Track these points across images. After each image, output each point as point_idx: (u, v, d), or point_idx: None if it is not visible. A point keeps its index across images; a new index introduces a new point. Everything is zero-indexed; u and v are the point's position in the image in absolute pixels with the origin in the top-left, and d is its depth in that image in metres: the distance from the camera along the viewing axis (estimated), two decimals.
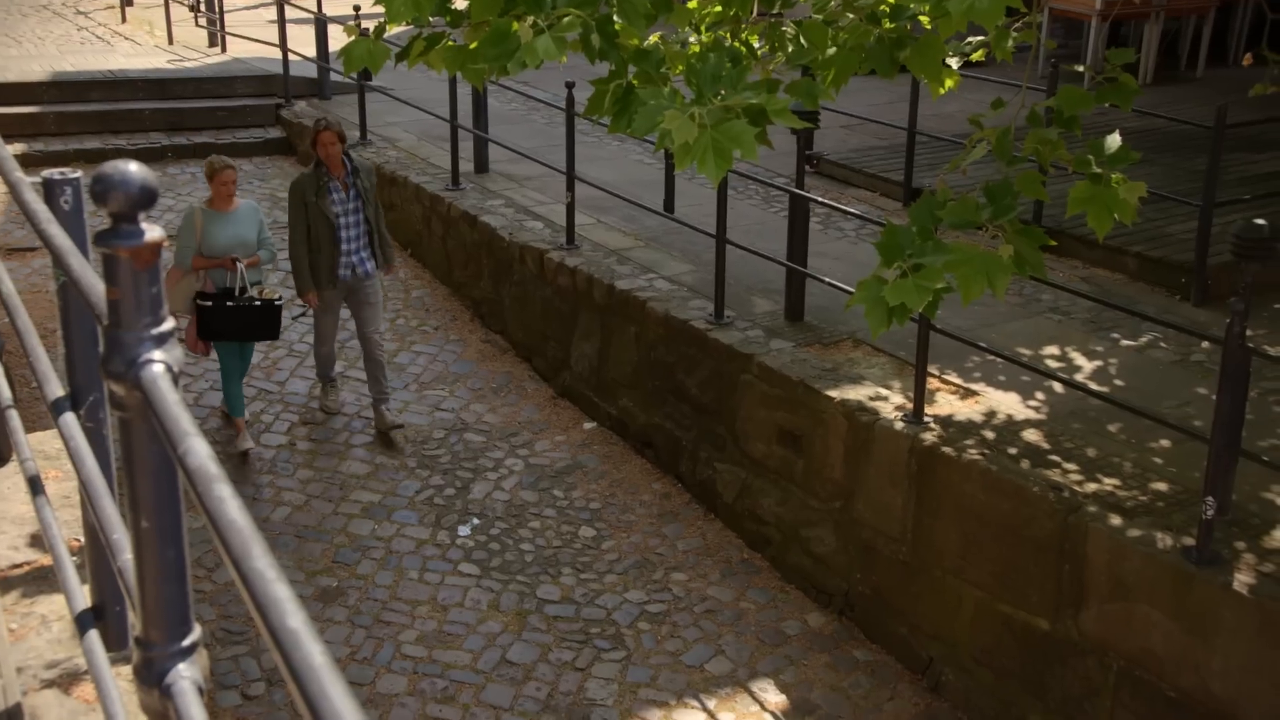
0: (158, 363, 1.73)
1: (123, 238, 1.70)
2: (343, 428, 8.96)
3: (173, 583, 1.84)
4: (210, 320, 8.15)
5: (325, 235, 8.40)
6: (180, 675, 1.85)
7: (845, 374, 7.50)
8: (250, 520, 1.42)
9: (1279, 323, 8.26)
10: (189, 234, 8.22)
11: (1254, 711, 5.32)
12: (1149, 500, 6.06)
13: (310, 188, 8.41)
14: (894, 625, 7.02)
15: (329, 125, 8.37)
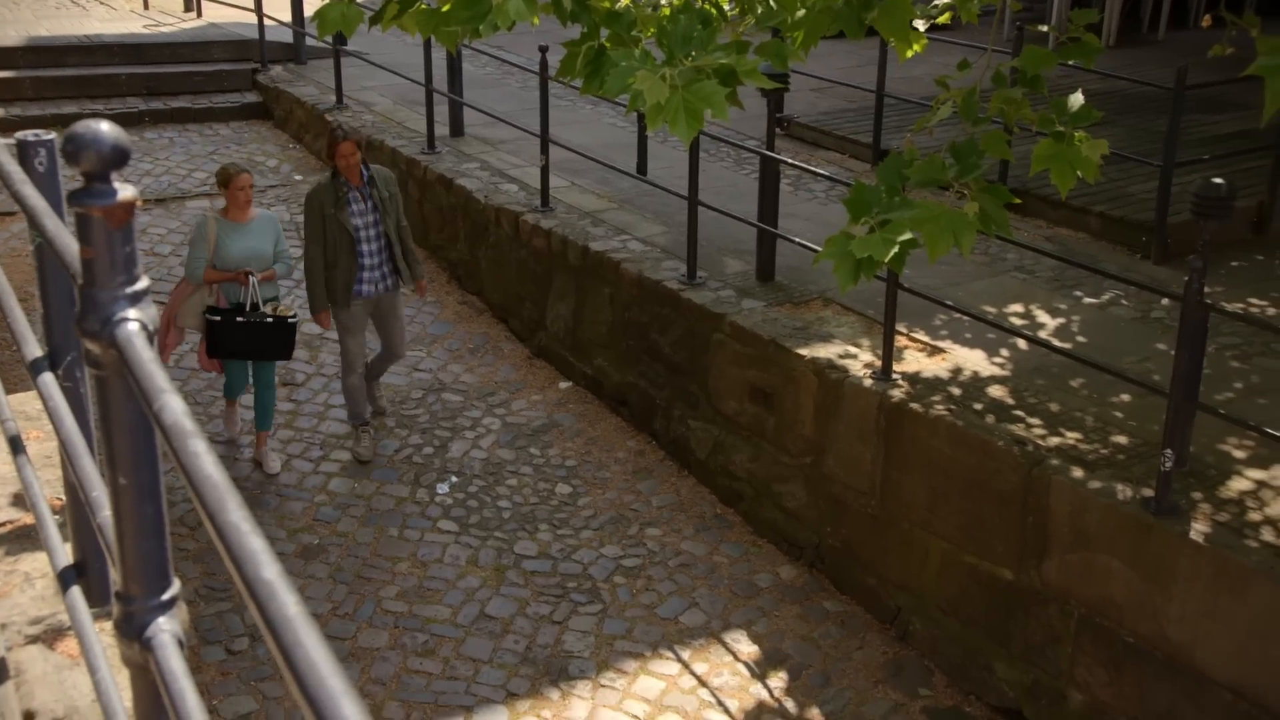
0: (132, 321, 1.72)
1: (96, 197, 1.68)
2: (321, 389, 8.92)
3: (151, 538, 1.82)
4: (220, 337, 7.56)
5: (344, 248, 7.70)
6: (160, 629, 1.84)
7: (815, 332, 7.51)
8: (225, 475, 1.41)
9: (1236, 280, 8.31)
10: (201, 245, 7.59)
11: (1209, 655, 5.39)
12: (1110, 453, 6.10)
13: (328, 198, 7.70)
14: (863, 577, 7.06)
15: (348, 135, 7.63)
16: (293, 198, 11.68)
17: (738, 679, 6.49)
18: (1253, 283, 8.28)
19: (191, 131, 13.04)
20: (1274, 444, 5.93)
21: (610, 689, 6.37)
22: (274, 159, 12.60)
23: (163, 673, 1.77)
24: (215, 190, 11.57)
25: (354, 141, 7.63)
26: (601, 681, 6.40)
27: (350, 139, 7.61)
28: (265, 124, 13.53)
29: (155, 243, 10.61)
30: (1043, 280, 8.36)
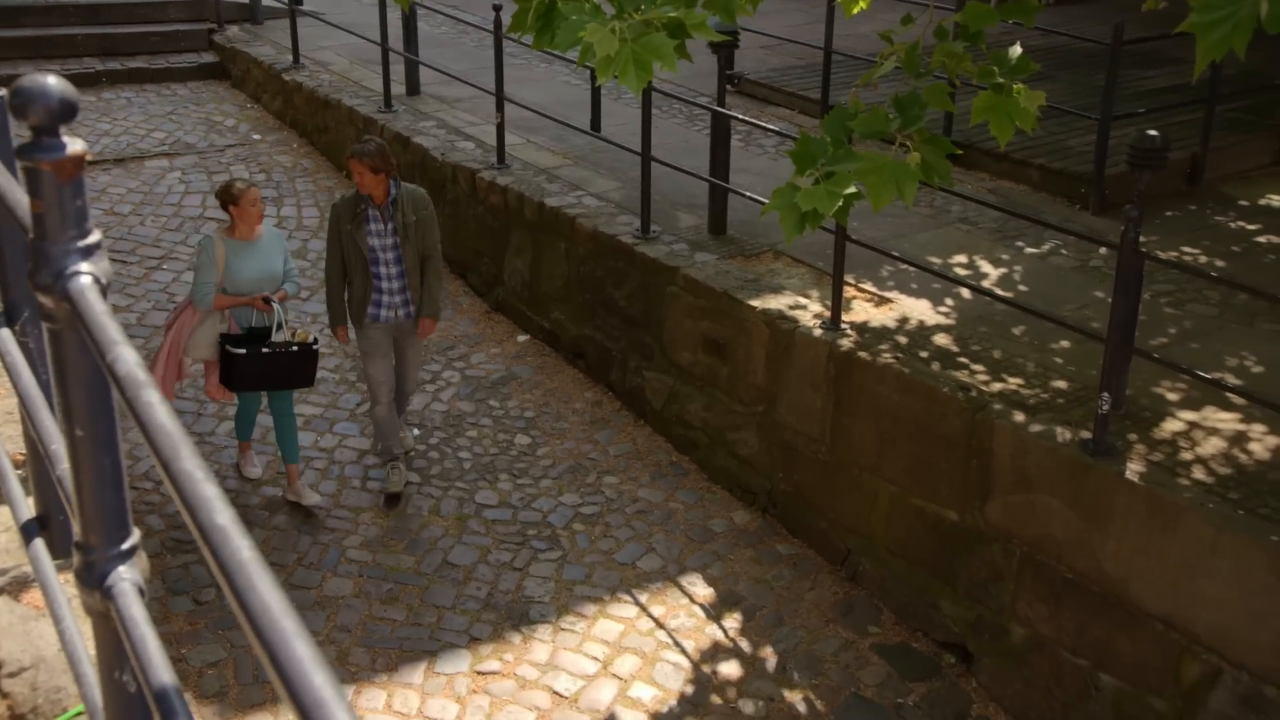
0: (85, 274, 1.69)
1: (44, 151, 1.64)
2: None
3: (109, 489, 1.81)
4: (245, 370, 6.77)
5: (359, 268, 6.97)
6: (120, 577, 1.83)
7: (766, 284, 7.52)
8: (179, 424, 1.40)
9: (1171, 229, 8.38)
10: (210, 269, 6.74)
11: (1142, 589, 5.47)
12: (1050, 397, 6.16)
13: (347, 214, 6.95)
14: (814, 520, 7.11)
15: (358, 153, 6.79)
16: (250, 157, 11.55)
17: (694, 621, 6.54)
18: (1186, 232, 8.36)
19: (149, 92, 12.83)
20: (1206, 386, 6.01)
21: (570, 632, 6.40)
22: (232, 119, 12.43)
23: (124, 620, 1.76)
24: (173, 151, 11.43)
25: (365, 161, 6.76)
26: (562, 625, 6.43)
27: (360, 158, 6.77)
28: (222, 84, 13.34)
29: (115, 202, 10.46)
30: (986, 231, 8.40)
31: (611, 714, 5.94)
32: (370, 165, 6.76)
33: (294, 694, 1.01)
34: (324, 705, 0.99)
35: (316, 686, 1.01)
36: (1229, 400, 6.03)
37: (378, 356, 7.14)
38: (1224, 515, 5.16)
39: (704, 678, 6.18)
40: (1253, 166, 9.62)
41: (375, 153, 6.79)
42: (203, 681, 5.91)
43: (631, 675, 6.17)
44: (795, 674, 6.24)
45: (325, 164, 11.58)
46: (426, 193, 7.24)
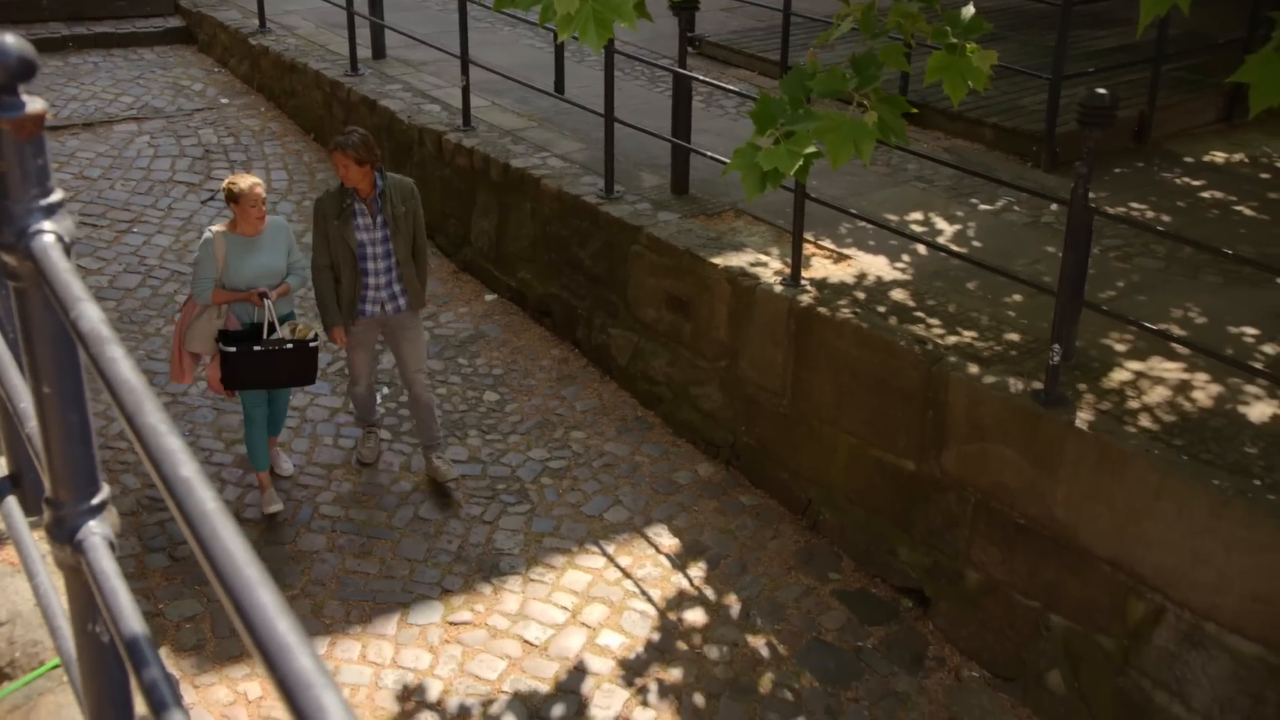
0: (48, 233, 1.66)
1: (3, 109, 1.61)
2: None
3: (78, 445, 1.78)
4: (237, 368, 6.43)
5: (347, 264, 6.60)
6: (91, 531, 1.81)
7: (728, 242, 7.51)
8: (142, 379, 1.38)
9: (1119, 185, 8.42)
10: (209, 264, 6.44)
11: (1091, 533, 5.53)
12: (1003, 350, 6.19)
13: (332, 209, 6.56)
14: (776, 472, 7.14)
15: (341, 145, 6.41)
16: (219, 121, 11.40)
17: (660, 570, 6.57)
18: (1134, 188, 8.40)
19: (116, 57, 12.64)
20: (1152, 337, 6.06)
21: (540, 583, 6.41)
22: (199, 83, 12.26)
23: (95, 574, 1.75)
24: (141, 115, 11.26)
25: (348, 154, 6.38)
26: (531, 576, 6.44)
27: (344, 150, 6.38)
28: (189, 48, 13.15)
29: (84, 167, 10.32)
30: (941, 189, 8.41)
31: (580, 661, 5.97)
32: (355, 157, 6.38)
33: (258, 640, 1.01)
34: (288, 650, 0.99)
35: (281, 633, 1.00)
36: (1174, 350, 6.08)
37: (361, 349, 6.88)
38: (1168, 461, 5.22)
39: (670, 625, 6.21)
40: (1198, 124, 9.66)
41: (360, 144, 6.40)
42: (180, 635, 5.90)
43: (600, 624, 6.19)
44: (758, 620, 6.28)
45: (293, 127, 11.45)
46: (413, 181, 6.87)
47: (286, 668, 0.97)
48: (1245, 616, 5.01)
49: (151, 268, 9.11)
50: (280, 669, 0.97)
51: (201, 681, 5.65)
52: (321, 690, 0.94)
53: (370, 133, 10.33)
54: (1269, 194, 8.34)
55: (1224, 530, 5.01)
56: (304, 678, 0.96)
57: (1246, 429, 5.46)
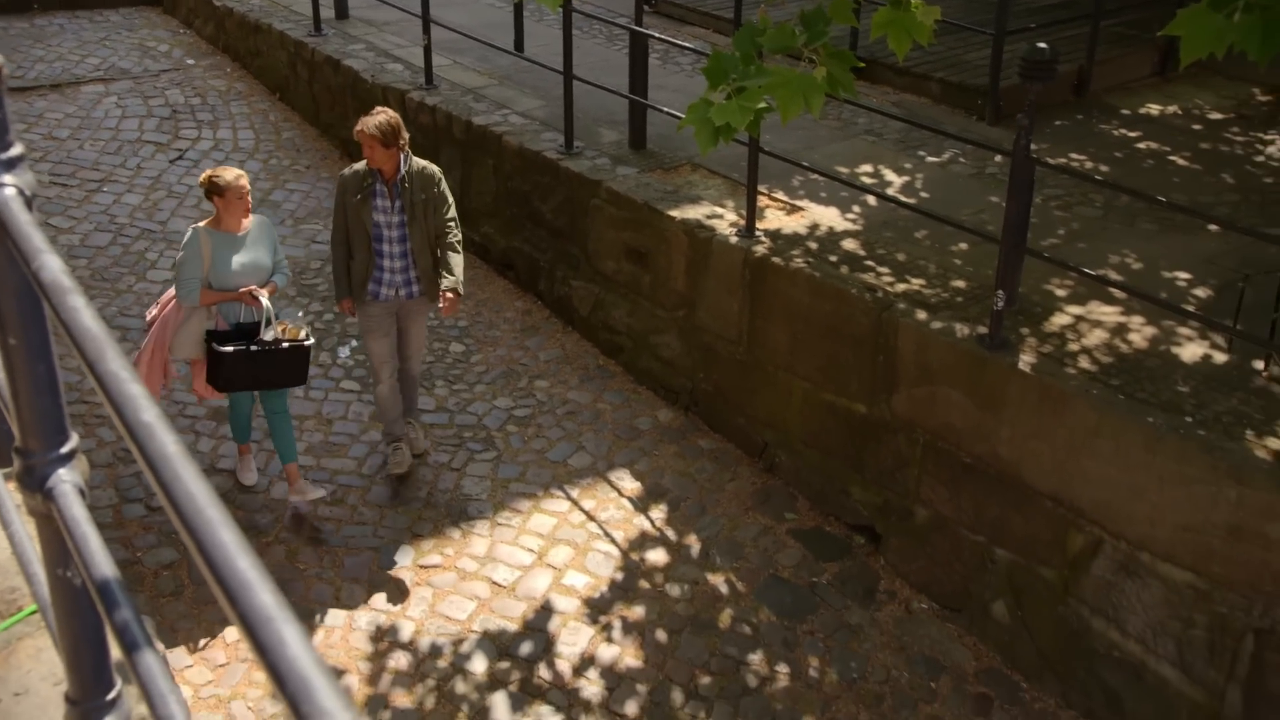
0: (8, 186, 1.63)
1: None
2: None
3: (45, 395, 1.76)
4: (230, 371, 5.96)
5: (361, 243, 6.25)
6: (61, 479, 1.79)
7: (685, 195, 7.48)
8: (104, 327, 1.36)
9: (1060, 137, 8.44)
10: (195, 263, 5.94)
11: (1033, 470, 5.59)
12: (950, 296, 6.22)
13: (353, 187, 6.21)
14: (733, 416, 7.17)
15: (366, 127, 6.01)
16: (185, 82, 11.21)
17: (622, 513, 6.59)
18: (1074, 139, 8.43)
19: (81, 18, 12.38)
20: (1091, 282, 6.10)
21: (506, 527, 6.42)
22: (165, 44, 12.03)
23: (65, 520, 1.73)
24: (108, 76, 11.06)
25: (371, 134, 5.99)
26: (498, 520, 6.45)
27: (367, 131, 6.00)
28: (154, 10, 12.90)
29: (53, 128, 10.13)
30: (890, 142, 8.40)
31: (547, 601, 5.99)
32: (381, 139, 6.00)
33: (220, 577, 1.00)
34: (249, 587, 0.98)
35: (241, 570, 1.00)
36: (1112, 295, 6.13)
37: (379, 334, 6.43)
38: (1106, 400, 5.28)
39: (633, 565, 6.25)
40: (1134, 78, 9.69)
41: (386, 126, 6.01)
42: (158, 582, 5.87)
43: (565, 565, 6.22)
44: (718, 558, 6.32)
45: (259, 87, 11.28)
46: (439, 169, 6.44)
47: (247, 604, 0.96)
48: (1177, 546, 5.09)
49: (122, 226, 8.98)
50: (241, 605, 0.97)
51: (180, 626, 5.63)
52: (282, 624, 0.94)
53: (336, 92, 10.22)
54: (1201, 144, 8.40)
55: (1158, 465, 5.08)
56: (264, 612, 0.95)
57: (1179, 368, 5.52)
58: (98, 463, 6.57)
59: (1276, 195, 7.50)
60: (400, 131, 6.08)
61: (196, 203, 9.33)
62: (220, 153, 10.08)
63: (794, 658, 5.79)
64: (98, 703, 1.90)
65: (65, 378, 5.52)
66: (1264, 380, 5.45)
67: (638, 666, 5.67)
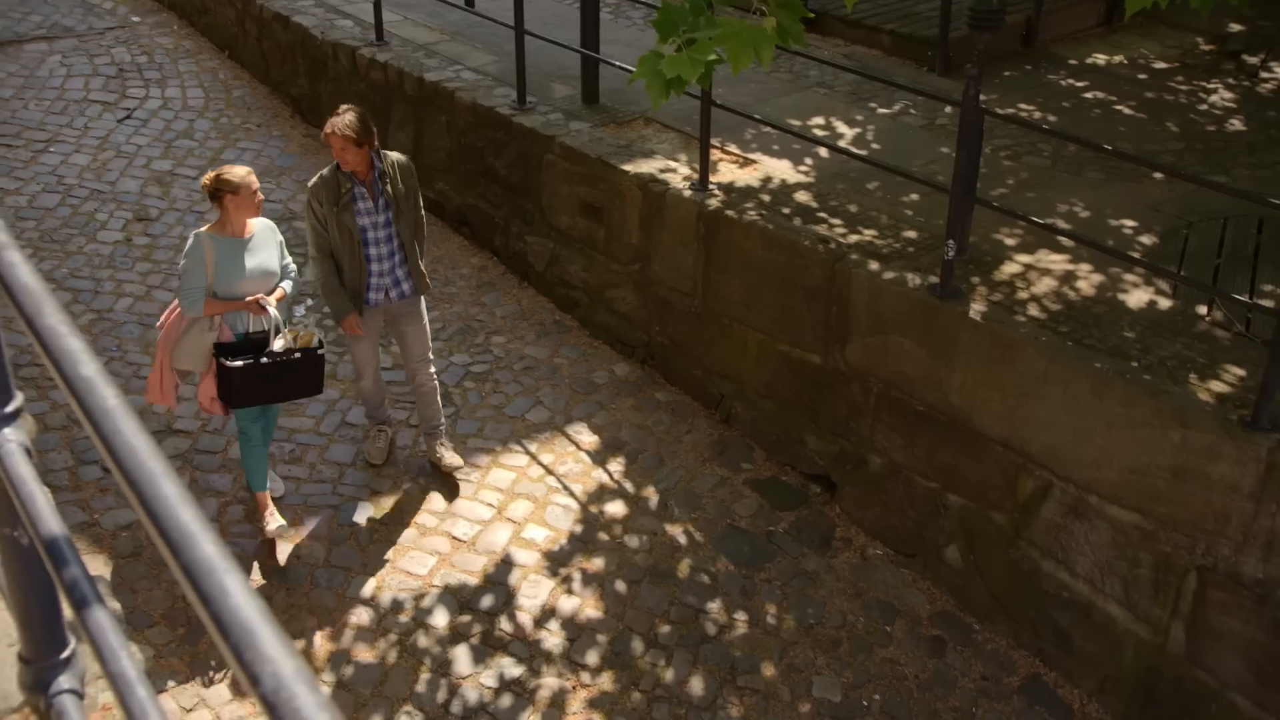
0: None
1: None
2: (176, 222, 8.55)
3: None
4: (243, 384, 5.52)
5: (349, 252, 5.83)
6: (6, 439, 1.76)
7: (638, 149, 7.44)
8: (42, 283, 1.33)
9: (1008, 88, 8.46)
10: (199, 271, 5.46)
11: (984, 416, 5.65)
12: (901, 247, 6.24)
13: (328, 196, 5.76)
14: (689, 369, 7.18)
15: (336, 128, 5.62)
16: (131, 40, 10.99)
17: (581, 466, 6.60)
18: (1022, 90, 8.45)
19: None
20: (1040, 231, 6.14)
21: (466, 482, 6.41)
22: (109, 1, 11.77)
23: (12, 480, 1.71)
24: (51, 34, 10.81)
25: (344, 135, 5.60)
26: (458, 476, 6.43)
27: (338, 133, 5.60)
28: None
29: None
30: (841, 94, 8.38)
31: (507, 555, 6.00)
32: (354, 138, 5.62)
33: (162, 529, 0.98)
34: (192, 538, 0.97)
35: (184, 521, 0.98)
36: (1060, 243, 6.17)
37: (367, 341, 6.12)
38: (1055, 347, 5.32)
39: (592, 518, 6.26)
40: (1081, 28, 9.72)
41: (357, 124, 5.64)
42: (117, 544, 5.82)
43: (524, 518, 6.22)
44: (675, 510, 6.35)
45: (207, 45, 11.07)
46: (409, 159, 6.13)
47: (190, 555, 0.95)
48: (1123, 488, 5.16)
49: (70, 187, 8.81)
50: (184, 556, 0.95)
51: (140, 586, 5.59)
52: (224, 575, 0.92)
53: (285, 49, 10.05)
54: (1146, 94, 8.44)
55: (1105, 409, 5.14)
56: (207, 563, 0.94)
57: (1125, 314, 5.58)
58: (52, 425, 6.49)
59: (1219, 143, 7.56)
60: (371, 127, 5.73)
61: (146, 162, 9.18)
62: (170, 111, 9.90)
63: (752, 605, 5.84)
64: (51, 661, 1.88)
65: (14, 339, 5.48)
66: (1207, 325, 5.52)
67: (598, 617, 5.70)
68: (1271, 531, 4.72)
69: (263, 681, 0.82)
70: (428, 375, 6.33)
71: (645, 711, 5.29)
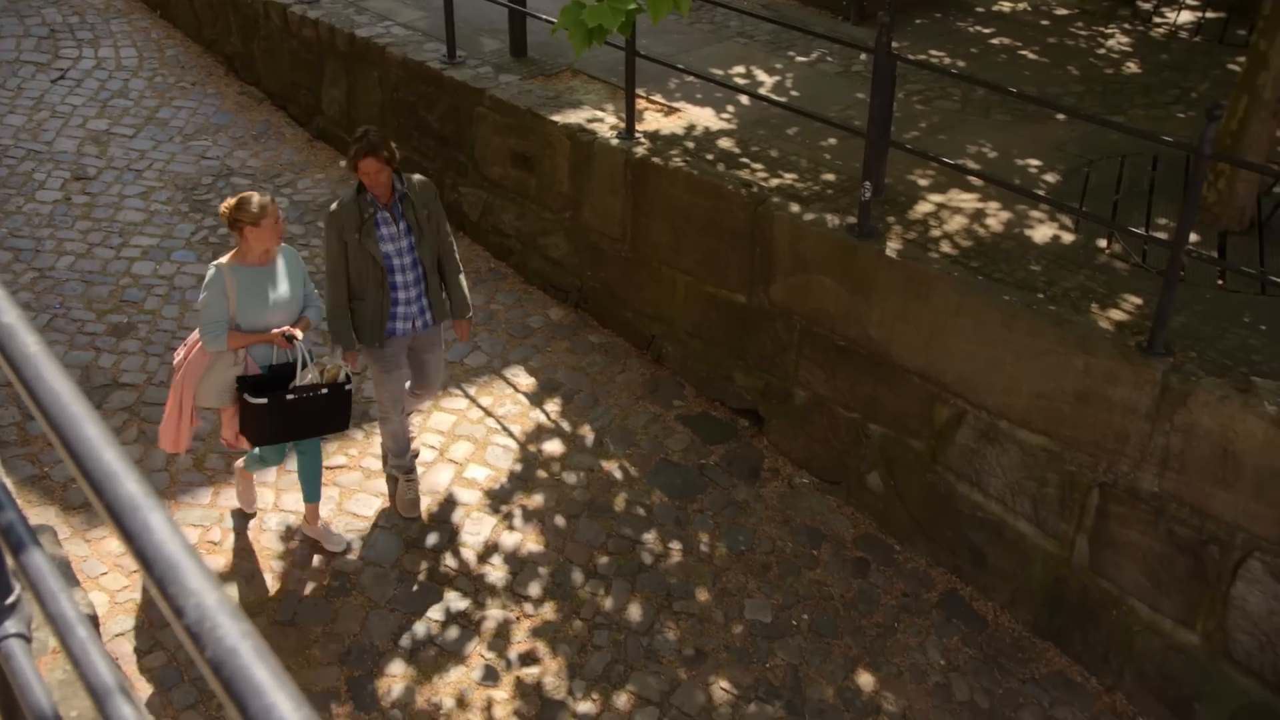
0: None
1: None
2: (114, 180, 8.32)
3: None
4: (266, 423, 5.09)
5: (373, 280, 5.33)
6: None
7: (566, 100, 7.35)
8: None
9: (920, 35, 8.46)
10: (220, 305, 5.00)
11: (901, 349, 5.70)
12: (820, 189, 6.24)
13: (351, 222, 5.25)
14: (621, 311, 7.16)
15: (370, 148, 5.10)
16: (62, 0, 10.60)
17: (519, 407, 6.57)
18: (933, 37, 8.45)
19: None
20: (951, 172, 6.17)
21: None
22: None
23: None
24: None
25: (379, 158, 5.13)
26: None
27: (373, 155, 5.11)
28: None
29: None
30: (761, 44, 8.33)
31: (450, 494, 5.97)
32: (386, 159, 5.14)
33: (85, 470, 0.95)
34: (115, 477, 0.94)
35: (107, 461, 0.95)
36: (970, 183, 6.21)
37: (393, 372, 5.57)
38: (966, 281, 5.37)
39: (530, 456, 6.25)
40: None
41: (384, 144, 5.16)
42: (67, 495, 5.71)
43: (466, 459, 6.20)
44: (611, 446, 6.36)
45: (138, 4, 10.72)
46: (431, 181, 5.63)
47: (113, 493, 0.92)
48: (1031, 412, 5.25)
49: (6, 148, 8.53)
50: (107, 495, 0.92)
51: (92, 535, 5.50)
52: (148, 511, 0.90)
53: (217, 8, 9.77)
54: (1048, 39, 8.49)
55: (1013, 340, 5.21)
56: (130, 501, 0.91)
57: (1032, 249, 5.64)
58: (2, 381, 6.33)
59: (1117, 85, 7.64)
60: (393, 148, 5.27)
61: (82, 122, 8.92)
62: (104, 71, 9.60)
63: (686, 535, 5.88)
64: None
65: None
66: (1107, 257, 5.60)
67: (539, 551, 5.71)
68: (1165, 449, 4.84)
69: (186, 613, 0.80)
70: (431, 397, 5.87)
71: (586, 638, 5.33)
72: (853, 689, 5.22)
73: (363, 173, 5.16)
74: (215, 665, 0.76)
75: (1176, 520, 4.89)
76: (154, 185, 8.30)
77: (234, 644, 0.76)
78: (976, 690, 5.26)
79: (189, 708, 4.82)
